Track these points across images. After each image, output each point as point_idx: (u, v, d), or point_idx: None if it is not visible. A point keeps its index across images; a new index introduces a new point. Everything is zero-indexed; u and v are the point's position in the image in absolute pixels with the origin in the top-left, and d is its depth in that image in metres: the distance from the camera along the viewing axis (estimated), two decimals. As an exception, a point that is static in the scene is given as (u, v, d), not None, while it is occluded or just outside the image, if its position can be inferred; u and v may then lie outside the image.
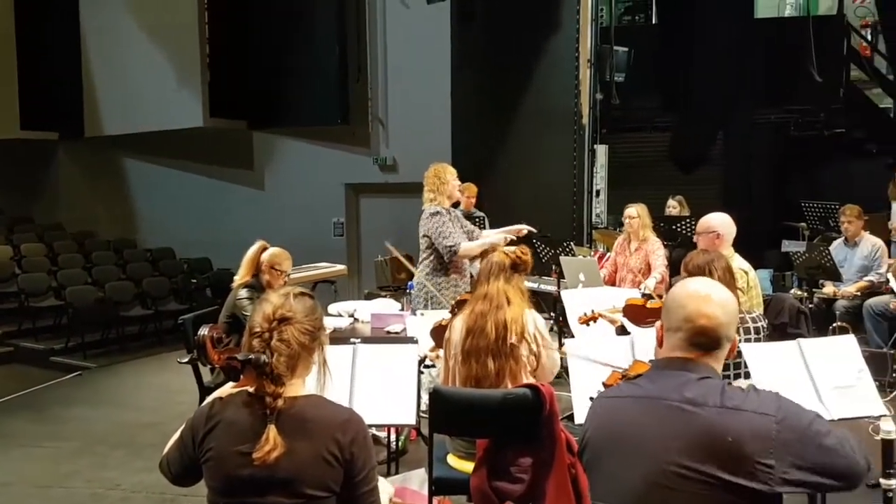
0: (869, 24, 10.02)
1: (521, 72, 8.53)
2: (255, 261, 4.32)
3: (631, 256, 6.01)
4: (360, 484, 1.81)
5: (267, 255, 4.32)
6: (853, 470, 1.64)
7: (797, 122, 9.66)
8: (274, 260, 4.31)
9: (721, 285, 1.86)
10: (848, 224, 6.30)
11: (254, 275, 4.31)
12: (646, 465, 1.66)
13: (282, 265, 4.32)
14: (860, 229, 6.28)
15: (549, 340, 3.07)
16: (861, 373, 3.04)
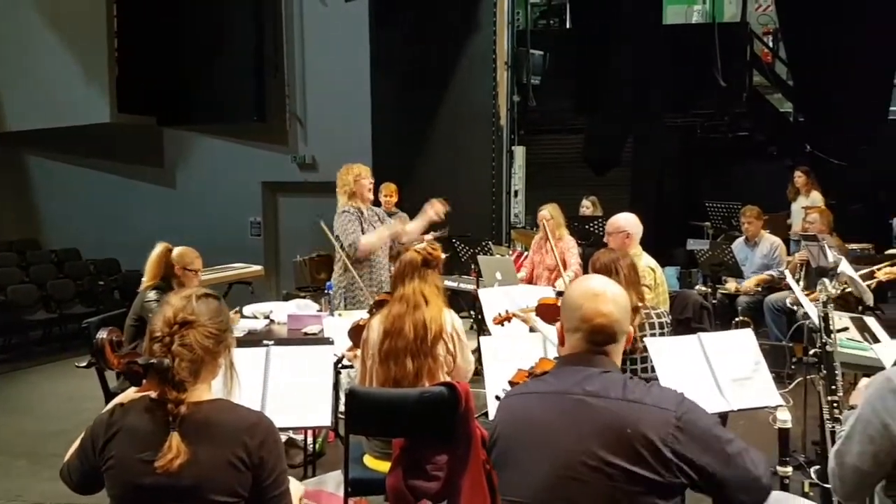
0: (770, 31, 10.55)
1: (441, 72, 8.59)
2: (160, 264, 4.17)
3: (547, 255, 6.15)
4: (270, 488, 1.79)
5: (176, 255, 4.18)
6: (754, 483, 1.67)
7: (703, 126, 10.12)
8: (185, 260, 4.18)
9: (613, 282, 1.92)
10: (748, 224, 6.61)
11: (162, 277, 4.17)
12: (553, 459, 1.70)
13: (193, 264, 4.20)
14: (759, 229, 6.60)
15: (465, 342, 3.10)
16: (758, 365, 3.20)
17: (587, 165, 10.12)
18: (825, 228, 6.31)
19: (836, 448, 1.97)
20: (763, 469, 1.70)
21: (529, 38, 9.28)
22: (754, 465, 1.69)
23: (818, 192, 7.69)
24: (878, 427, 1.86)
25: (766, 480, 1.70)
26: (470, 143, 8.65)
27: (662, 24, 9.86)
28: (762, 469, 1.70)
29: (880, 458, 1.87)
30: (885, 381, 1.90)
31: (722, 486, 1.66)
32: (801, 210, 7.38)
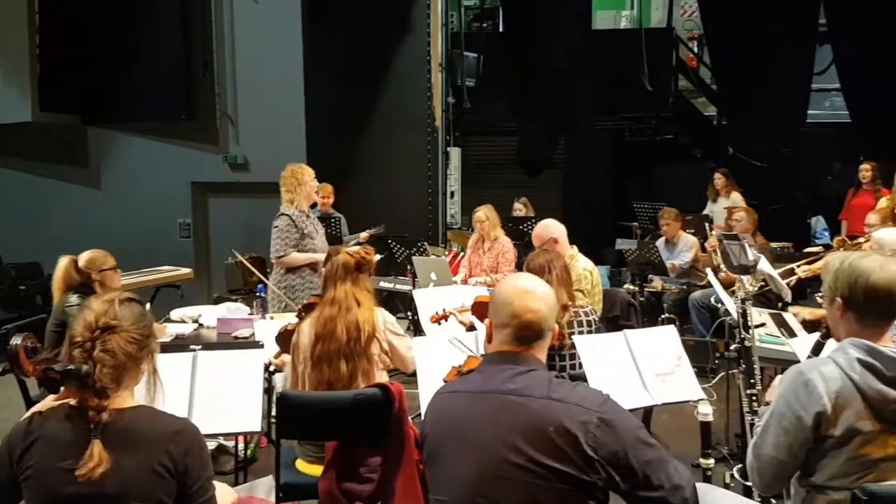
0: (695, 36, 10.91)
1: (376, 73, 8.57)
2: (67, 277, 3.95)
3: (484, 256, 6.21)
4: (196, 495, 1.77)
5: (86, 262, 3.98)
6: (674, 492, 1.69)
7: (631, 129, 10.40)
8: (97, 263, 4.02)
9: (542, 281, 1.96)
10: (667, 226, 6.87)
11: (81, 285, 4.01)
12: (479, 457, 1.73)
13: (107, 263, 4.06)
14: (678, 230, 6.87)
15: (402, 332, 3.14)
16: (680, 360, 3.32)
17: (519, 167, 10.26)
18: (751, 227, 6.58)
19: (752, 442, 2.06)
20: (686, 480, 1.72)
21: (463, 40, 9.36)
22: (678, 474, 1.72)
23: (738, 192, 8.00)
24: (792, 419, 1.95)
25: (688, 493, 1.71)
26: (406, 145, 8.67)
27: (592, 29, 10.07)
28: (685, 480, 1.72)
29: (794, 449, 1.96)
30: (796, 374, 1.99)
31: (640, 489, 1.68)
32: (723, 210, 7.66)
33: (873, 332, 1.99)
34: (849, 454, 1.92)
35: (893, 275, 1.97)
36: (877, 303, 1.98)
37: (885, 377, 1.91)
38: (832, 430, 1.92)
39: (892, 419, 1.91)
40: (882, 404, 1.91)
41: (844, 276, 2.03)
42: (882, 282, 1.96)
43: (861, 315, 2.00)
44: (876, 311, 1.99)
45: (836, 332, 2.12)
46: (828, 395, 1.91)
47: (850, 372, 1.94)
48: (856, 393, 1.92)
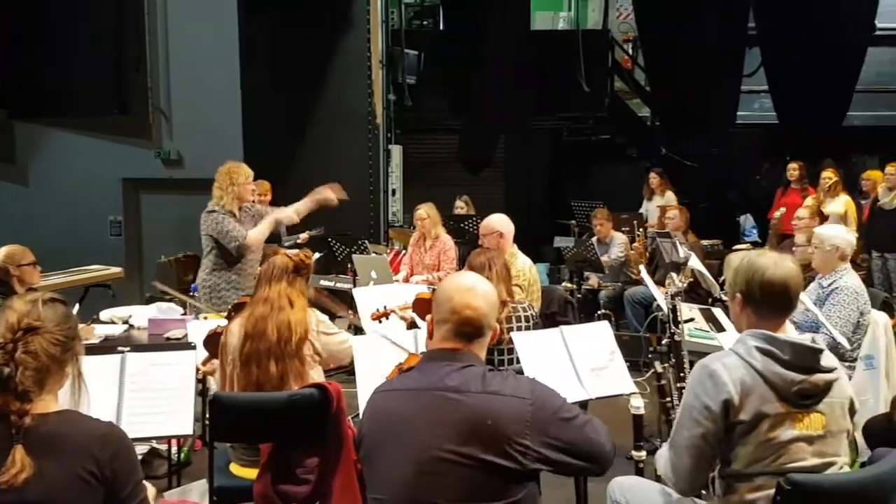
0: (630, 38, 11.16)
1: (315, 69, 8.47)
2: None
3: (426, 254, 6.22)
4: (126, 501, 1.72)
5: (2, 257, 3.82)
6: (599, 452, 1.82)
7: (569, 129, 10.59)
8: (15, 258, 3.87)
9: (484, 279, 2.00)
10: (600, 226, 7.03)
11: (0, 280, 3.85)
12: (415, 455, 1.74)
13: (25, 258, 3.91)
14: (610, 230, 7.03)
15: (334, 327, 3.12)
16: (614, 355, 3.40)
17: (461, 165, 10.32)
18: (683, 225, 6.79)
19: (669, 439, 2.15)
20: (605, 437, 1.85)
21: (404, 37, 9.34)
22: (597, 433, 1.83)
23: (672, 191, 8.22)
24: (701, 409, 2.04)
25: (608, 447, 1.85)
26: (346, 142, 8.60)
27: (530, 30, 10.19)
28: (604, 437, 1.85)
29: (708, 440, 2.04)
30: (701, 367, 2.09)
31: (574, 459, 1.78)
32: (657, 209, 7.87)
33: (771, 325, 2.11)
34: (759, 438, 2.02)
35: (787, 271, 2.10)
36: (772, 297, 2.10)
37: (783, 361, 2.03)
38: (741, 416, 2.01)
39: (795, 400, 2.04)
40: (784, 386, 2.03)
41: (743, 273, 2.15)
42: (777, 278, 2.09)
43: (758, 309, 2.12)
44: (772, 304, 2.11)
45: (737, 325, 2.24)
46: (732, 383, 2.01)
47: (750, 360, 2.05)
48: (758, 379, 2.03)
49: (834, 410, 2.10)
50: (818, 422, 2.07)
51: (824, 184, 6.90)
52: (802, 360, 2.05)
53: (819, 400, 2.06)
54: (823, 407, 2.07)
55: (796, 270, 2.15)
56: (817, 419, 2.07)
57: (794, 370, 2.04)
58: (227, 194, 4.62)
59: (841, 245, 4.04)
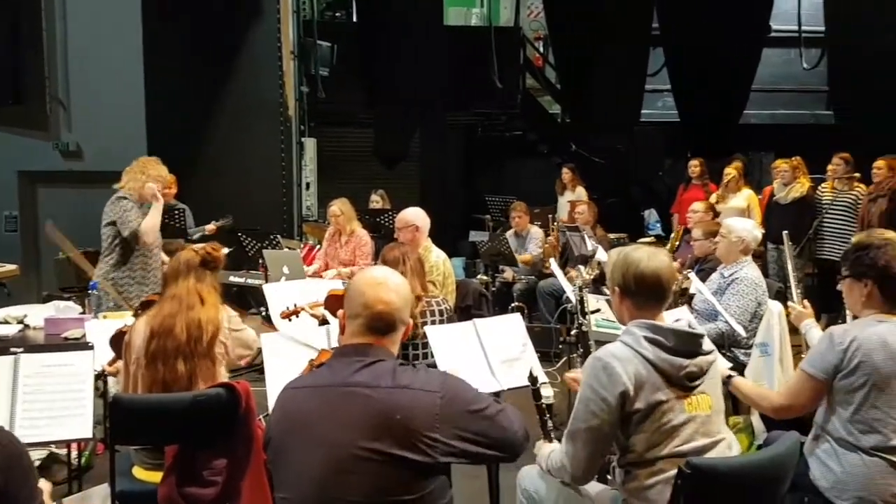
0: (541, 36, 11.36)
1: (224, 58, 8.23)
2: None
3: (341, 249, 6.17)
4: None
5: None
6: (511, 439, 1.84)
7: (483, 124, 10.70)
8: None
9: (396, 273, 1.99)
10: (518, 218, 7.16)
11: None
12: (325, 452, 1.72)
13: None
14: (527, 223, 7.17)
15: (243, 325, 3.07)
16: (525, 346, 3.46)
17: (376, 159, 10.26)
18: (592, 219, 6.98)
19: (566, 431, 2.21)
20: (518, 425, 1.87)
21: (316, 28, 9.19)
22: (510, 422, 1.85)
23: (582, 187, 8.43)
24: (598, 402, 2.11)
25: (521, 434, 1.87)
26: (257, 134, 8.40)
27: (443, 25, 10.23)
28: (517, 425, 1.87)
29: (605, 430, 2.12)
30: (595, 361, 2.17)
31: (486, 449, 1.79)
32: (568, 203, 8.06)
33: (648, 315, 2.22)
34: (654, 424, 2.11)
35: (659, 264, 2.22)
36: (646, 288, 2.21)
37: (669, 348, 2.15)
38: (636, 405, 2.10)
39: (683, 384, 2.15)
40: (673, 372, 2.13)
41: (619, 267, 2.26)
42: (650, 270, 2.20)
43: (635, 300, 2.23)
44: (647, 295, 2.22)
45: (619, 316, 2.35)
46: (626, 374, 2.10)
47: (640, 349, 2.14)
48: (650, 367, 2.12)
49: (716, 389, 2.25)
50: (705, 402, 2.19)
51: (726, 179, 7.23)
52: (686, 345, 2.17)
53: (703, 381, 2.19)
54: (707, 387, 2.21)
55: (668, 263, 2.27)
56: (704, 400, 2.19)
57: (680, 355, 2.15)
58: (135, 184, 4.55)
59: (746, 238, 4.26)
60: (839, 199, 6.62)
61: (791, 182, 6.86)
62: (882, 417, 2.38)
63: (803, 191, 6.78)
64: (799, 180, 6.85)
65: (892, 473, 2.36)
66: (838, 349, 2.43)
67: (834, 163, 6.70)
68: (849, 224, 6.51)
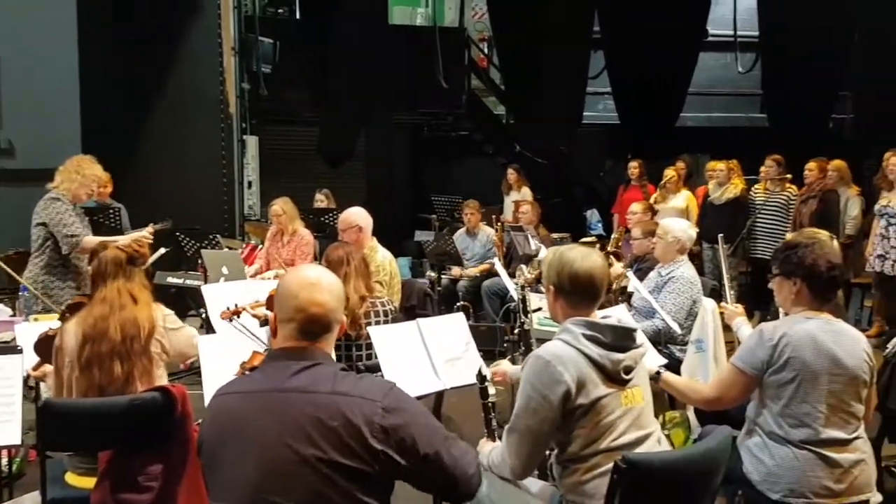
0: (486, 38, 11.44)
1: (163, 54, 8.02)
2: None
3: (283, 249, 6.10)
4: None
5: None
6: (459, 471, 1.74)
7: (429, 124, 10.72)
8: None
9: (329, 271, 1.93)
10: (470, 216, 7.18)
11: None
12: (260, 459, 1.67)
13: None
14: (479, 221, 7.20)
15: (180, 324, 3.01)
16: (468, 345, 3.49)
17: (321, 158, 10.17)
18: (535, 219, 7.06)
19: (507, 427, 2.24)
20: (471, 457, 1.79)
21: (258, 24, 9.05)
22: (461, 452, 1.76)
23: (527, 187, 8.53)
24: (539, 399, 2.14)
25: (474, 468, 1.78)
26: (197, 131, 8.22)
27: (388, 24, 10.20)
28: (469, 457, 1.78)
29: (545, 427, 2.16)
30: (536, 359, 2.20)
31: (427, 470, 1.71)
32: (512, 203, 8.14)
33: (582, 313, 2.27)
34: (594, 420, 2.16)
35: (592, 263, 2.27)
36: (580, 287, 2.26)
37: (606, 343, 2.20)
38: (578, 401, 2.14)
39: (620, 378, 2.21)
40: (611, 367, 2.19)
41: (554, 267, 2.30)
42: (583, 270, 2.25)
43: (570, 299, 2.28)
44: (581, 294, 2.27)
45: (553, 314, 2.38)
46: (568, 372, 2.13)
47: (580, 346, 2.18)
48: (589, 364, 2.17)
49: (645, 380, 2.33)
50: (639, 395, 2.26)
51: (666, 179, 7.41)
52: (621, 340, 2.23)
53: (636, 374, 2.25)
54: (639, 380, 2.27)
55: (601, 263, 2.32)
56: (638, 392, 2.26)
57: (617, 350, 2.21)
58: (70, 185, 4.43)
59: (682, 238, 4.37)
60: (771, 200, 6.86)
61: (725, 183, 7.08)
62: (811, 412, 2.46)
63: (737, 192, 7.00)
64: (733, 181, 7.07)
65: (822, 466, 2.44)
66: (768, 345, 2.51)
67: (766, 164, 6.94)
68: (781, 224, 6.75)
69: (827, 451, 2.45)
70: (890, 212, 6.06)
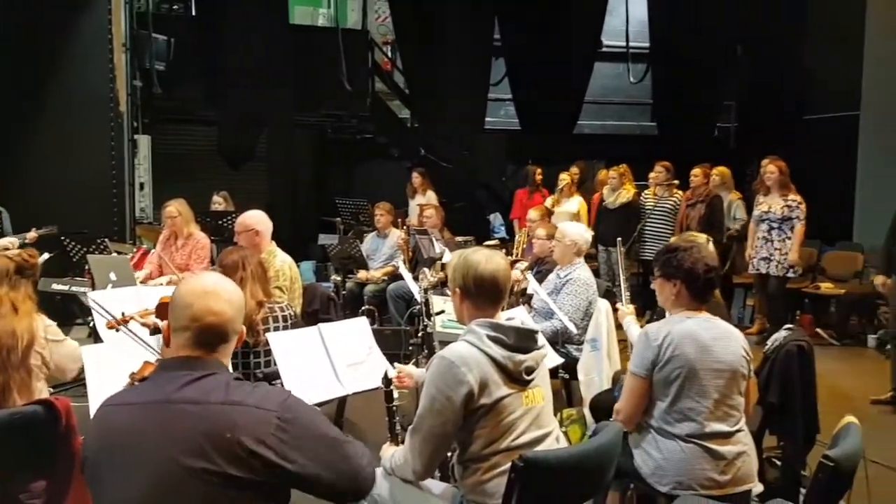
0: (389, 41, 11.43)
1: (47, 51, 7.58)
2: None
3: (176, 253, 5.88)
4: None
5: None
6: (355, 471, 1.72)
7: (334, 126, 10.60)
8: None
9: (227, 279, 1.86)
10: (381, 217, 7.16)
11: None
12: (149, 473, 1.60)
13: None
14: (389, 222, 7.19)
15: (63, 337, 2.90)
16: (371, 349, 3.48)
17: (220, 159, 9.87)
18: (439, 223, 7.12)
19: (410, 428, 2.25)
20: (366, 461, 1.77)
21: (151, 20, 8.69)
22: (358, 456, 1.74)
23: (432, 190, 8.59)
24: (443, 400, 2.17)
25: (369, 471, 1.77)
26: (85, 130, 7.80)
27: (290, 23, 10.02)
28: (365, 461, 1.76)
29: (448, 428, 2.19)
30: (440, 360, 2.23)
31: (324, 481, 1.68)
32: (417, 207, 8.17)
33: (487, 314, 2.33)
34: (496, 419, 2.20)
35: (496, 266, 2.33)
36: (485, 289, 2.31)
37: (509, 345, 2.25)
38: (481, 402, 2.18)
39: (522, 379, 2.26)
40: (513, 367, 2.24)
41: (459, 270, 2.35)
42: (488, 272, 2.30)
43: (475, 300, 2.33)
44: (485, 296, 2.32)
45: (459, 316, 2.42)
46: (472, 373, 2.17)
47: (484, 347, 2.23)
48: (492, 364, 2.22)
49: (546, 380, 2.39)
50: (539, 395, 2.32)
51: (560, 184, 7.65)
52: (524, 342, 2.29)
53: (537, 375, 2.32)
54: (540, 380, 2.34)
55: (505, 265, 2.38)
56: (539, 392, 2.32)
57: (519, 352, 2.26)
58: None
59: (578, 241, 4.53)
60: (660, 205, 7.21)
61: (618, 188, 7.40)
62: (695, 406, 2.60)
63: (629, 196, 7.34)
64: (625, 187, 7.40)
65: (707, 459, 2.57)
66: (654, 345, 2.64)
67: (655, 171, 7.30)
68: (668, 227, 7.11)
69: (711, 443, 2.58)
70: (772, 216, 6.49)
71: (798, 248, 6.40)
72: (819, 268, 7.54)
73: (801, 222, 6.37)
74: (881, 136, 8.21)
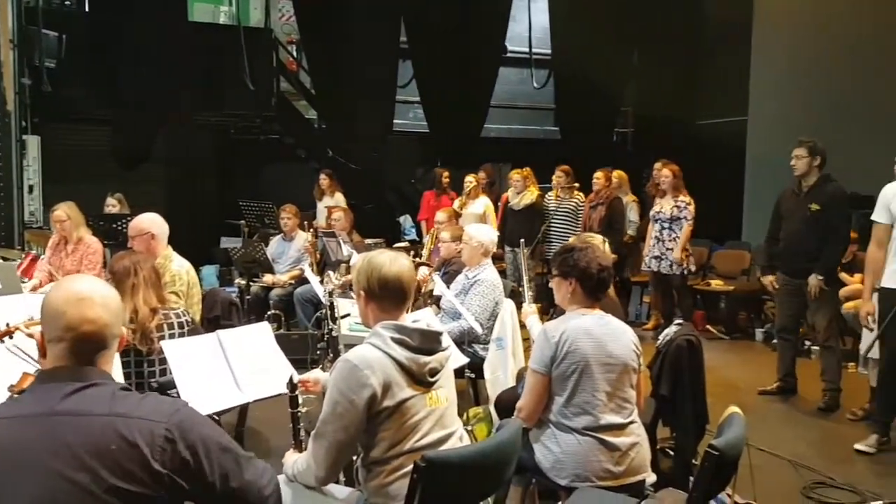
0: (294, 41, 11.23)
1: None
2: None
3: (66, 258, 5.63)
4: None
5: None
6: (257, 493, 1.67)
7: (237, 126, 10.31)
8: None
9: (102, 282, 1.77)
10: (288, 220, 7.04)
11: None
12: (34, 489, 1.52)
13: None
14: (296, 225, 7.08)
15: None
16: (275, 354, 3.41)
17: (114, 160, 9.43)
18: (348, 226, 7.07)
19: (313, 432, 2.23)
20: (267, 478, 1.71)
21: (41, 16, 8.23)
22: (257, 474, 1.69)
23: (341, 192, 8.51)
24: (346, 404, 2.16)
25: (270, 489, 1.71)
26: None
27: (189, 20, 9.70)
28: (266, 479, 1.71)
29: (351, 432, 2.18)
30: (343, 363, 2.22)
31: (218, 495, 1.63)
32: (325, 209, 8.08)
33: (392, 316, 2.34)
34: (399, 421, 2.21)
35: (401, 267, 2.34)
36: (389, 291, 2.33)
37: (413, 346, 2.27)
38: (384, 404, 2.18)
39: (426, 380, 2.28)
40: (417, 369, 2.25)
41: (364, 272, 2.36)
42: (391, 274, 2.32)
43: (380, 302, 2.34)
44: (390, 298, 2.34)
45: (365, 319, 2.43)
46: (374, 375, 2.17)
47: (388, 350, 2.24)
48: (396, 366, 2.22)
49: (450, 381, 2.41)
50: (443, 396, 2.34)
51: (467, 187, 7.76)
52: (428, 343, 2.31)
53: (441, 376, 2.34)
54: (444, 381, 2.36)
55: (409, 267, 2.40)
56: (442, 394, 2.34)
57: (423, 353, 2.28)
58: None
59: (486, 242, 4.61)
60: (562, 206, 7.45)
61: (523, 190, 7.59)
62: (591, 400, 2.70)
63: (533, 198, 7.54)
64: (529, 189, 7.60)
65: (602, 450, 2.67)
66: (552, 342, 2.73)
67: (557, 174, 7.54)
68: (570, 228, 7.34)
69: (606, 435, 2.69)
70: (662, 217, 6.80)
71: (682, 246, 6.71)
72: (709, 266, 7.95)
73: (689, 222, 6.70)
74: (767, 140, 8.75)
